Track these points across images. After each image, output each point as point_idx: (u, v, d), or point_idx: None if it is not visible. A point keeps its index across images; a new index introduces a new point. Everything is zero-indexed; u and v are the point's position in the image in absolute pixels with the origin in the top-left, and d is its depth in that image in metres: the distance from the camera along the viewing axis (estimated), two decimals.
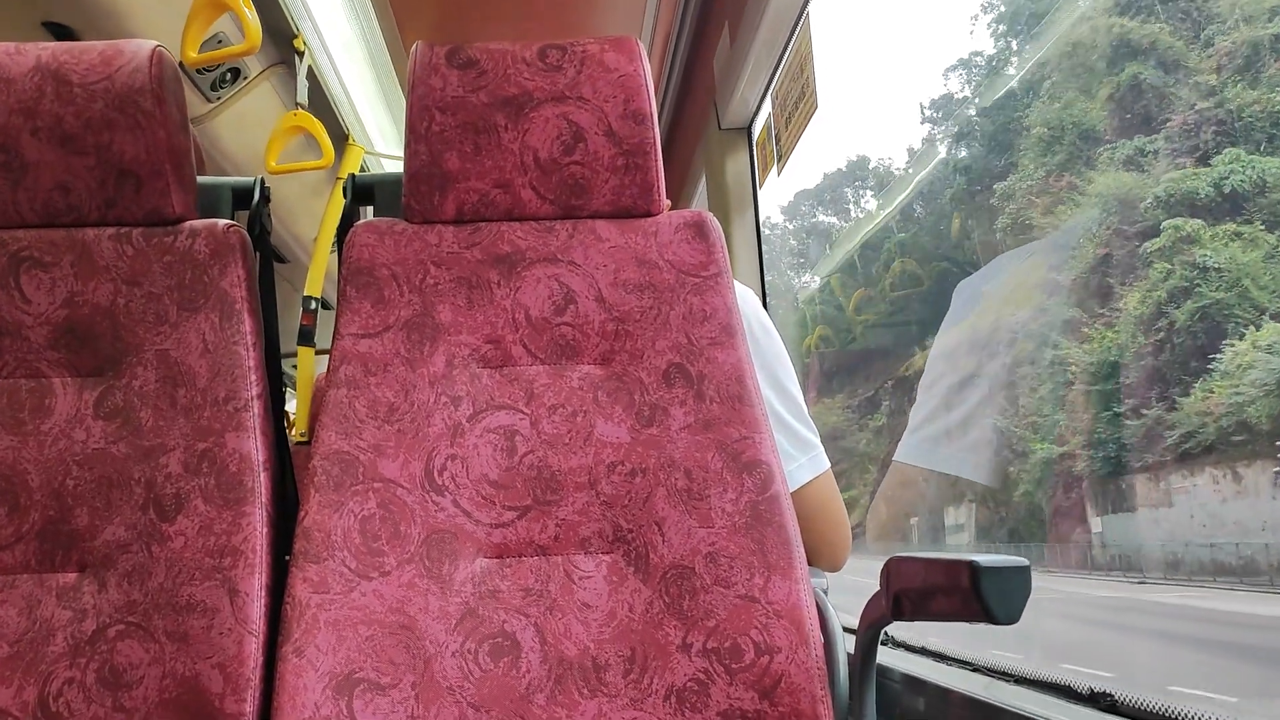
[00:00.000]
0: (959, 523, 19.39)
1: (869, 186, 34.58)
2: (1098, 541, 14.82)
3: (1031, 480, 17.14)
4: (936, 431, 22.06)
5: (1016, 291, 20.31)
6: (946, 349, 24.47)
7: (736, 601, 0.97)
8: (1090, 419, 15.39)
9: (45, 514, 1.00)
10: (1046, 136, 19.98)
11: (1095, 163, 18.29)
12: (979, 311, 21.89)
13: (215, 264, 1.08)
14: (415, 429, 1.03)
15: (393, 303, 1.07)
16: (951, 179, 27.22)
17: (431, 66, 1.11)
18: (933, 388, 23.31)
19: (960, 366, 20.61)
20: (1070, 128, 19.45)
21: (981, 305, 22.01)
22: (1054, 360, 17.25)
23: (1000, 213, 22.26)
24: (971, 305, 22.57)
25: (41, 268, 1.08)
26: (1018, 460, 17.92)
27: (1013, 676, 1.16)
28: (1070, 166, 19.27)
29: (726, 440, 1.03)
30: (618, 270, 1.10)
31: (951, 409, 19.75)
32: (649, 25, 2.41)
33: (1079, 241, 17.40)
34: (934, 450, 21.31)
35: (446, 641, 0.96)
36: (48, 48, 1.10)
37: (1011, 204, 21.64)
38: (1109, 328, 15.63)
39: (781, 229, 34.28)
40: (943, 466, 20.94)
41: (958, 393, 20.39)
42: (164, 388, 1.04)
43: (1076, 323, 16.71)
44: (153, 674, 0.93)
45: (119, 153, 1.08)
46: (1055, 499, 16.33)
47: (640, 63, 1.12)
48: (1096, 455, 14.96)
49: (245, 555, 0.97)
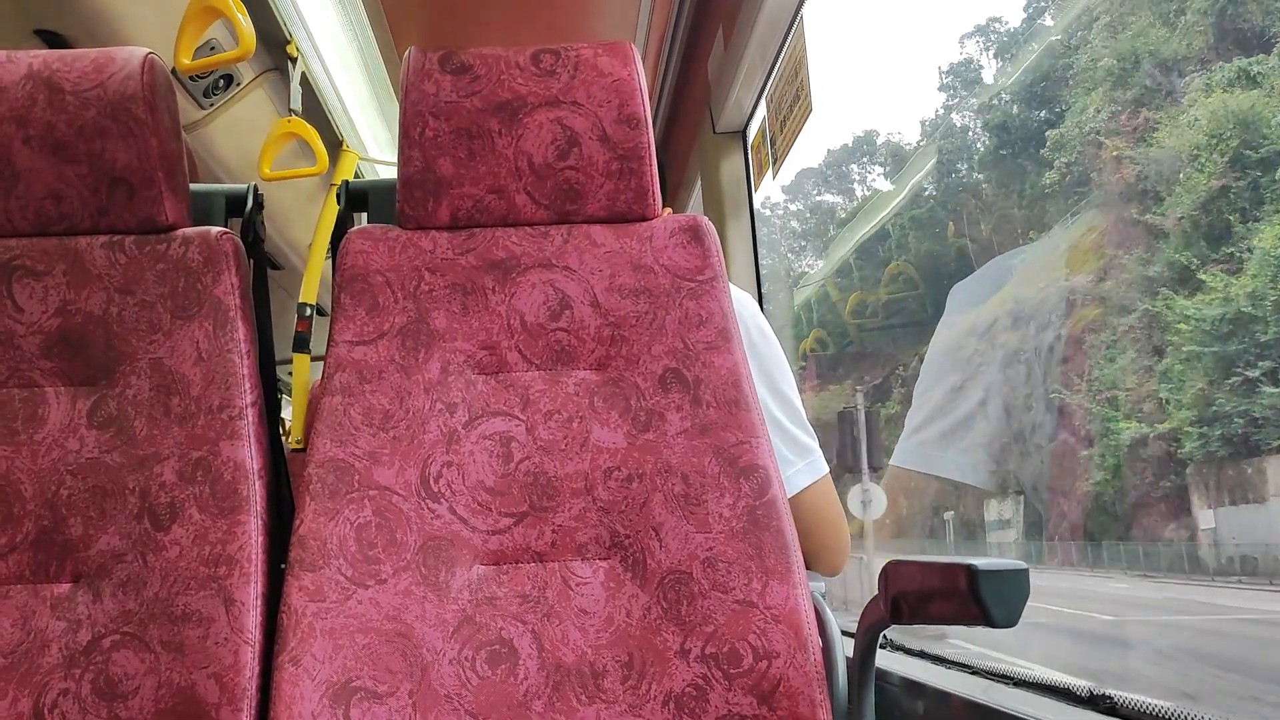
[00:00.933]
0: (1003, 518, 17.58)
1: (877, 161, 33.89)
2: (1207, 539, 12.26)
3: (1108, 467, 14.60)
4: (937, 432, 21.46)
5: (1067, 257, 18.90)
6: (944, 347, 23.98)
7: (734, 606, 0.97)
8: (1204, 389, 12.55)
9: (39, 524, 0.99)
10: (1116, 70, 17.95)
11: (1182, 92, 15.97)
12: (1017, 282, 20.70)
13: (209, 272, 1.08)
14: (411, 436, 1.02)
15: (387, 309, 1.07)
16: (970, 148, 26.28)
17: (424, 72, 1.11)
18: (930, 390, 22.78)
19: (963, 360, 19.73)
20: (1146, 57, 17.28)
21: (1017, 278, 20.82)
22: (1144, 320, 14.69)
23: (1049, 166, 20.89)
24: (994, 286, 21.80)
25: (34, 276, 1.07)
26: (1083, 444, 15.51)
27: (1011, 679, 1.16)
28: (1148, 100, 17.29)
29: (723, 445, 1.03)
30: (613, 275, 1.10)
31: (958, 402, 18.86)
32: (643, 29, 2.41)
33: (1178, 177, 14.69)
34: (933, 453, 20.76)
35: (444, 649, 0.95)
36: (39, 55, 1.10)
37: (1063, 155, 20.15)
38: (1233, 275, 12.84)
39: (783, 209, 33.45)
40: (942, 471, 20.34)
41: (973, 381, 19.21)
42: (158, 396, 1.03)
43: (1180, 273, 13.81)
44: (148, 684, 0.93)
45: (111, 160, 1.08)
46: (1143, 488, 13.69)
47: (634, 67, 1.12)
48: (1212, 434, 12.22)
49: (241, 564, 0.97)
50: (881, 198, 31.37)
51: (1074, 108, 20.25)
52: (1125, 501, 14.27)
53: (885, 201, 30.34)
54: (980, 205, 25.87)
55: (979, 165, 26.50)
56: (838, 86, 42.61)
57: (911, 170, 30.03)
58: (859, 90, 35.44)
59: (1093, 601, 12.74)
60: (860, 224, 30.46)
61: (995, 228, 25.24)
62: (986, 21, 30.47)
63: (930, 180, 28.51)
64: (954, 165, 27.62)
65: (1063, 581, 14.53)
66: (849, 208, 33.61)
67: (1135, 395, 14.37)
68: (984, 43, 30.01)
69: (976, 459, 20.79)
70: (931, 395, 23.27)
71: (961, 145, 27.66)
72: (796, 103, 1.89)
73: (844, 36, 41.16)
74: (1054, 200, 21.60)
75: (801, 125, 1.88)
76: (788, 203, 35.22)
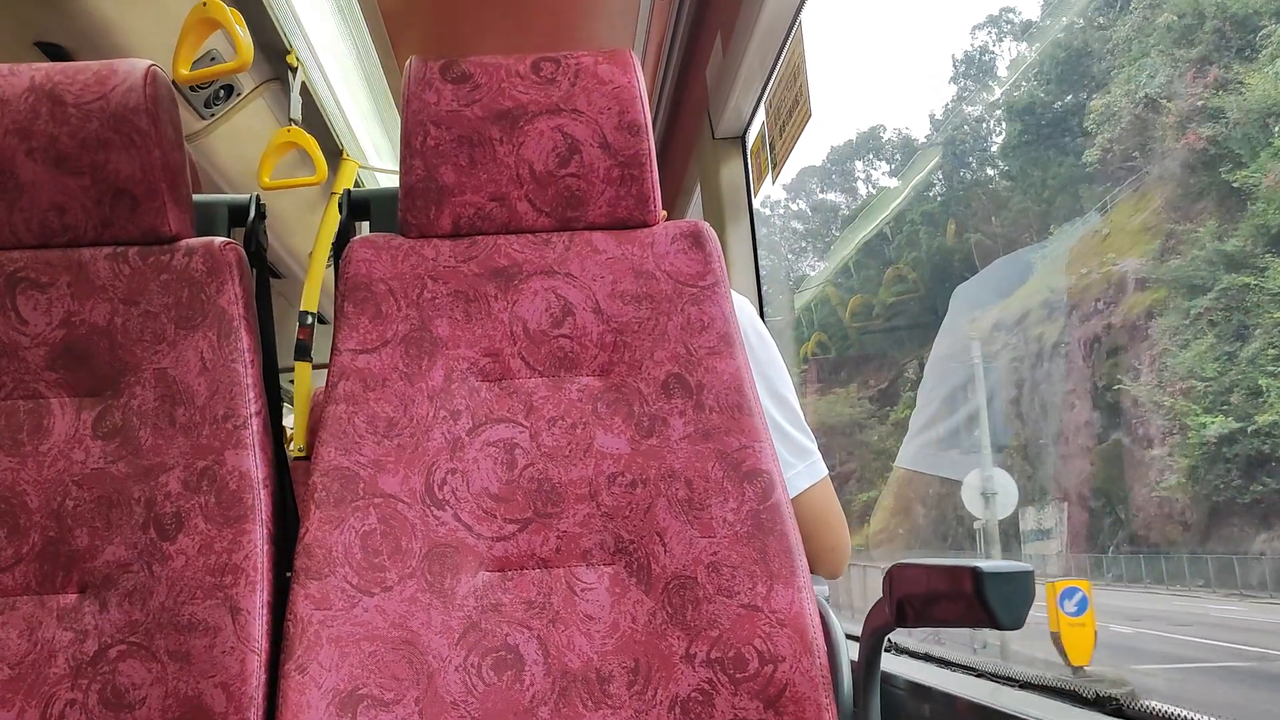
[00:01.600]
0: (1042, 527, 15.69)
1: (883, 157, 33.20)
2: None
3: (1182, 469, 12.61)
4: (944, 432, 20.91)
5: (1113, 240, 17.11)
6: (948, 350, 23.48)
7: (739, 611, 0.97)
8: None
9: (45, 535, 1.00)
10: (1178, 27, 16.28)
11: (1259, 45, 14.19)
12: (1048, 271, 19.54)
13: (212, 282, 1.08)
14: (415, 444, 1.02)
15: (390, 317, 1.07)
16: (984, 139, 25.19)
17: (425, 81, 1.11)
18: (934, 390, 22.25)
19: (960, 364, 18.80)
20: (1213, 11, 15.65)
21: (1048, 267, 19.66)
22: (1223, 300, 12.60)
23: (1088, 143, 18.81)
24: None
25: (38, 288, 1.07)
26: (1142, 444, 13.52)
27: (1017, 681, 1.16)
28: (1216, 57, 15.58)
29: (727, 449, 1.03)
30: (615, 281, 1.10)
31: (966, 401, 17.77)
32: (641, 35, 2.41)
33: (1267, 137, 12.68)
34: (938, 454, 20.24)
35: (449, 656, 0.95)
36: (41, 68, 1.10)
37: (1107, 130, 18.13)
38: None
39: (783, 209, 32.77)
40: (945, 471, 19.80)
41: (1000, 378, 17.93)
42: (163, 406, 1.04)
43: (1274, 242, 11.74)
44: (155, 694, 0.93)
45: (114, 172, 1.08)
46: (1228, 492, 11.70)
47: (634, 74, 1.13)
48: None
49: (246, 573, 0.97)
50: (887, 195, 30.78)
51: (1118, 78, 18.55)
52: (1203, 508, 12.37)
53: (889, 200, 29.93)
54: (993, 201, 25.23)
55: (1000, 154, 25.48)
56: (840, 80, 41.93)
57: (918, 166, 29.58)
58: (862, 85, 34.84)
59: (1230, 630, 11.23)
60: (863, 224, 30.10)
61: (1012, 222, 24.44)
62: (1000, 11, 29.62)
63: (939, 175, 27.86)
64: (965, 158, 26.94)
65: (1146, 601, 12.88)
66: (853, 206, 33.26)
67: (1217, 386, 12.31)
68: (997, 33, 29.24)
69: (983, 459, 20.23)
70: (936, 396, 22.83)
71: (975, 136, 26.89)
72: (796, 108, 1.90)
73: (845, 29, 40.40)
74: (1089, 183, 20.38)
75: (801, 131, 1.89)
76: (789, 201, 34.75)
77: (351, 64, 2.59)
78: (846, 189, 34.48)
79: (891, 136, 34.09)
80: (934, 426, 20.43)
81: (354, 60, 2.58)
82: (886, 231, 28.52)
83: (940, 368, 23.93)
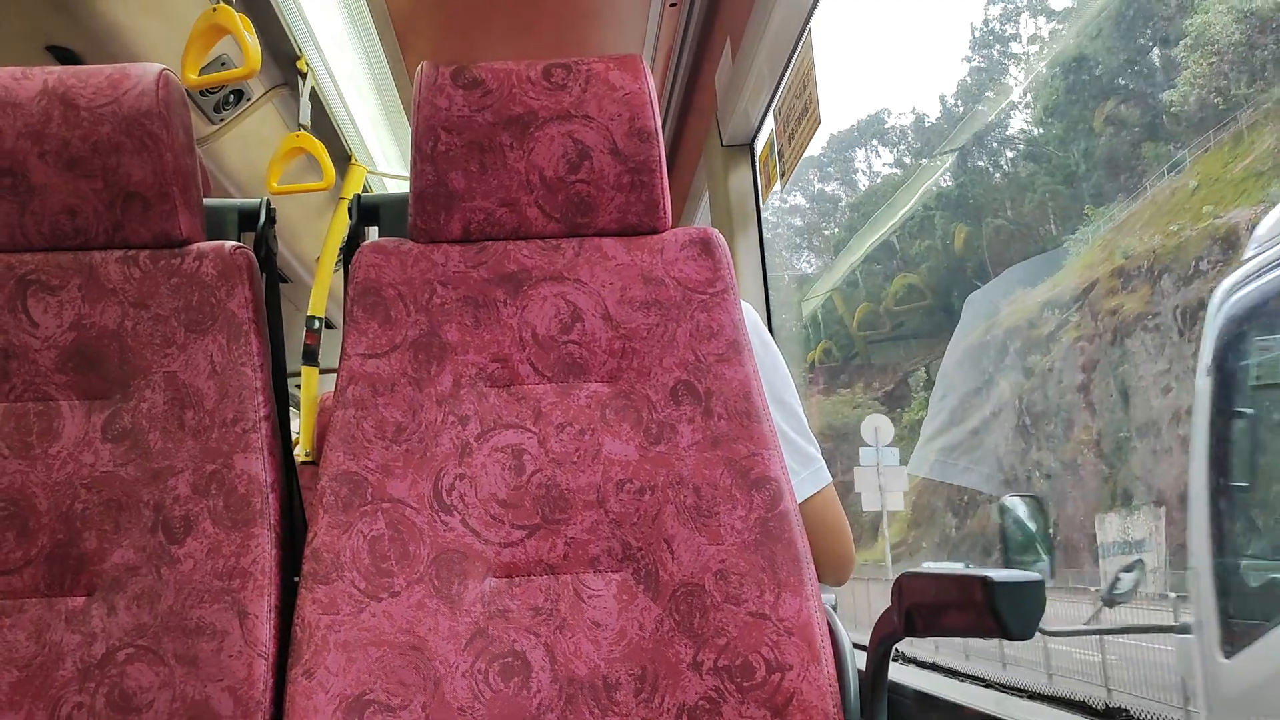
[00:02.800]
0: (1130, 538, 13.46)
1: (889, 143, 32.28)
2: None
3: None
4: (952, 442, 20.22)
5: (1205, 193, 15.49)
6: (961, 356, 22.82)
7: (747, 619, 0.97)
8: None
9: (54, 537, 1.00)
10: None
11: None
12: (1119, 231, 17.89)
13: (222, 285, 1.08)
14: (423, 449, 1.02)
15: (399, 322, 1.07)
16: (1001, 127, 23.62)
17: (437, 87, 1.11)
18: (947, 397, 21.61)
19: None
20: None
21: (1115, 230, 18.13)
22: None
23: (1172, 77, 16.64)
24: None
25: (49, 291, 1.08)
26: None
27: (1025, 692, 1.16)
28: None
29: (735, 457, 1.03)
30: (624, 288, 1.10)
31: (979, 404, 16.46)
32: (650, 42, 2.42)
33: None
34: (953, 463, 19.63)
35: (457, 662, 0.95)
36: (54, 72, 1.11)
37: (1199, 61, 15.71)
38: None
39: (778, 203, 32.06)
40: (959, 479, 19.18)
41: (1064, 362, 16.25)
42: (172, 410, 1.04)
43: None
44: (163, 697, 0.93)
45: (126, 175, 1.08)
46: None
47: (645, 81, 1.13)
48: None
49: (254, 577, 0.97)
50: (924, 171, 29.53)
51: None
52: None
53: (906, 191, 29.18)
54: (1016, 186, 24.22)
55: (1038, 119, 23.90)
56: (841, 62, 40.34)
57: (934, 154, 28.76)
58: (865, 66, 33.22)
59: None
60: (876, 219, 29.50)
61: (1039, 206, 23.30)
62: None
63: (957, 163, 26.73)
64: (986, 139, 25.65)
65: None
66: (852, 199, 32.67)
67: None
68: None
69: (988, 467, 19.49)
70: (949, 402, 22.21)
71: (998, 120, 25.46)
72: (805, 115, 1.90)
73: (843, 10, 38.73)
74: (1160, 138, 18.42)
75: (810, 138, 1.89)
76: (783, 195, 34.15)
77: (361, 70, 2.60)
78: (846, 181, 33.89)
79: (896, 123, 33.09)
80: (946, 434, 19.72)
81: (363, 66, 2.59)
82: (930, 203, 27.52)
83: (952, 375, 23.45)
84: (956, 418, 18.51)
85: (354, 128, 2.80)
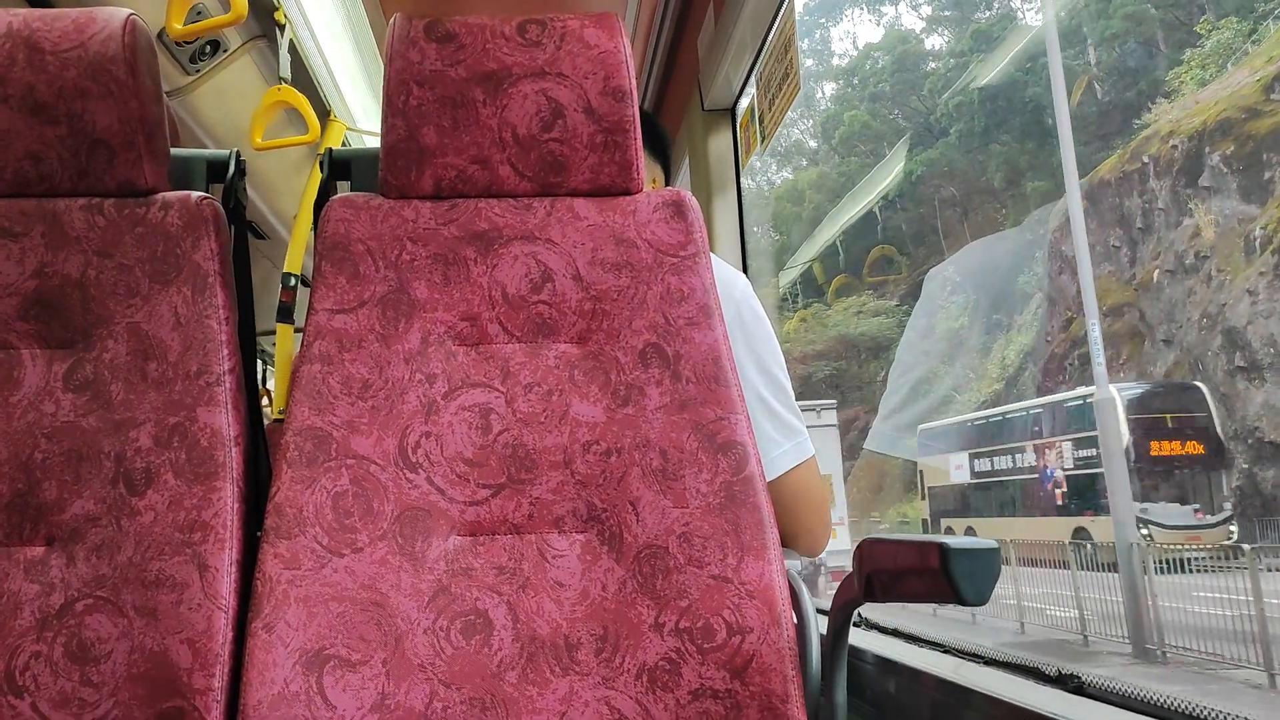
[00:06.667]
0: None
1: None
2: None
3: None
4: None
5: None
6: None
7: (709, 581, 0.97)
8: None
9: (13, 486, 0.99)
10: None
11: None
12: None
13: (188, 236, 1.07)
14: (389, 406, 1.02)
15: (368, 278, 1.07)
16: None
17: (409, 39, 1.10)
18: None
19: None
20: None
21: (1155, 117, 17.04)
22: None
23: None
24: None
25: (11, 238, 1.06)
26: None
27: (982, 658, 1.17)
28: None
29: (702, 421, 1.03)
30: (595, 249, 1.09)
31: None
32: (633, 5, 2.39)
33: None
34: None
35: (418, 619, 0.95)
36: (19, 14, 1.09)
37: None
38: None
39: None
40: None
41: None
42: (134, 361, 1.03)
43: None
44: (121, 648, 0.93)
45: (91, 122, 1.07)
46: None
47: (621, 39, 1.11)
48: None
49: (215, 530, 0.96)
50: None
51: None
52: None
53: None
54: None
55: None
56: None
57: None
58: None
59: None
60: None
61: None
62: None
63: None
64: None
65: None
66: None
67: None
68: None
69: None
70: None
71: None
72: (785, 81, 1.89)
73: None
74: None
75: (790, 103, 1.88)
76: None
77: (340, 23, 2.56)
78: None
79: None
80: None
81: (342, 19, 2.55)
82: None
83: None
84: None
85: (333, 82, 2.76)
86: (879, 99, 33.95)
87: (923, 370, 24.32)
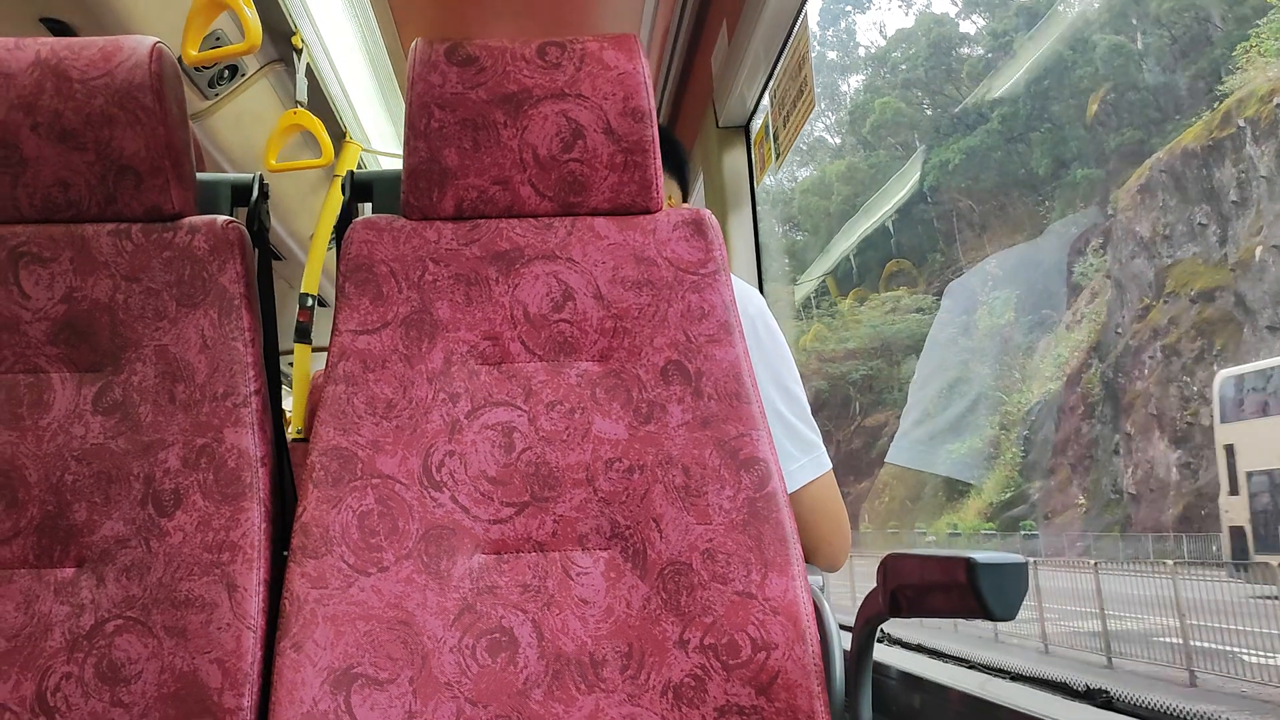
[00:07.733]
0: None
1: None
2: None
3: None
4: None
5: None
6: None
7: (733, 598, 0.97)
8: None
9: (43, 509, 1.00)
10: None
11: None
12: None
13: (214, 260, 1.08)
14: (413, 425, 1.03)
15: (391, 299, 1.07)
16: None
17: (431, 63, 1.11)
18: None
19: None
20: None
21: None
22: None
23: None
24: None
25: (40, 263, 1.08)
26: None
27: (1009, 674, 1.17)
28: None
29: (724, 437, 1.04)
30: (616, 267, 1.10)
31: None
32: (647, 22, 2.41)
33: None
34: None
35: (444, 637, 0.96)
36: (47, 43, 1.10)
37: None
38: None
39: None
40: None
41: None
42: (163, 383, 1.04)
43: None
44: (151, 669, 0.93)
45: (119, 149, 1.08)
46: None
47: (639, 60, 1.12)
48: None
49: (244, 550, 0.97)
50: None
51: None
52: None
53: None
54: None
55: None
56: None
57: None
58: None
59: None
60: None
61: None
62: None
63: None
64: None
65: None
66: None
67: None
68: None
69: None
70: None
71: None
72: (800, 98, 1.90)
73: None
74: None
75: (804, 120, 1.89)
76: None
77: (356, 47, 2.59)
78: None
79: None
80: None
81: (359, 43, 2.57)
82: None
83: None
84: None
85: (349, 105, 2.78)
86: (911, 85, 33.26)
87: (956, 371, 23.52)
